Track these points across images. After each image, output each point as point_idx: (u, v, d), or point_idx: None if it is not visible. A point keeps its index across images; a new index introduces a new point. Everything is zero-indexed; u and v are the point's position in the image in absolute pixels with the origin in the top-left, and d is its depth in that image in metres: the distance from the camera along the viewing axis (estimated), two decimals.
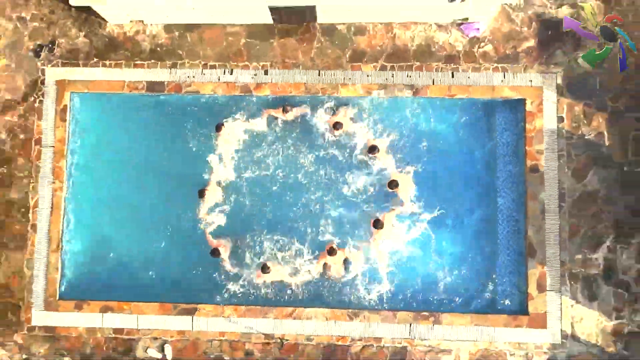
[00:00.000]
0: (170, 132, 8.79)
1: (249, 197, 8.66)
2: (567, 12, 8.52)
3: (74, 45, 8.85)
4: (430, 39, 8.64)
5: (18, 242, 8.58)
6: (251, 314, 8.30)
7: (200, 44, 8.80)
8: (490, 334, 8.11)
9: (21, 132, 8.74)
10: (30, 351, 8.41)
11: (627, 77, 8.40)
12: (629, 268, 8.15)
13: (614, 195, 8.26)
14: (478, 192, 8.56)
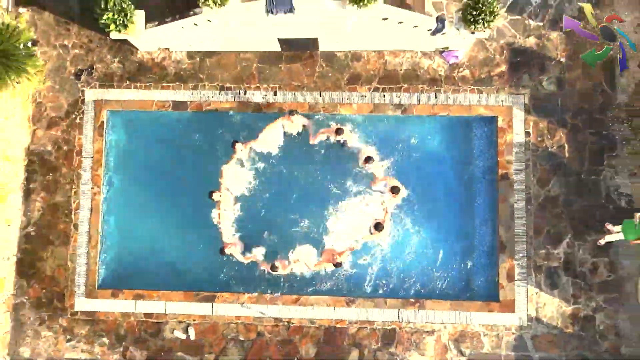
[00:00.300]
0: (192, 144, 10.18)
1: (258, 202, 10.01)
2: (533, 42, 9.95)
3: (110, 70, 10.26)
4: (416, 64, 10.04)
5: (62, 239, 9.98)
6: (261, 300, 9.70)
7: (217, 68, 10.20)
8: (466, 318, 9.51)
9: (64, 145, 10.14)
10: (73, 333, 9.81)
11: (584, 97, 9.81)
12: (585, 261, 9.54)
13: (572, 199, 9.66)
14: (457, 197, 9.94)
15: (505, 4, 10.01)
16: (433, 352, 9.54)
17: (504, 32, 10.00)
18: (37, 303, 9.87)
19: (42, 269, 9.92)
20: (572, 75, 9.84)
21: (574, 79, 9.84)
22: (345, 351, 9.63)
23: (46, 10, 10.34)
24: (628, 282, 9.50)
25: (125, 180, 10.19)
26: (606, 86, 9.81)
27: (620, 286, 9.48)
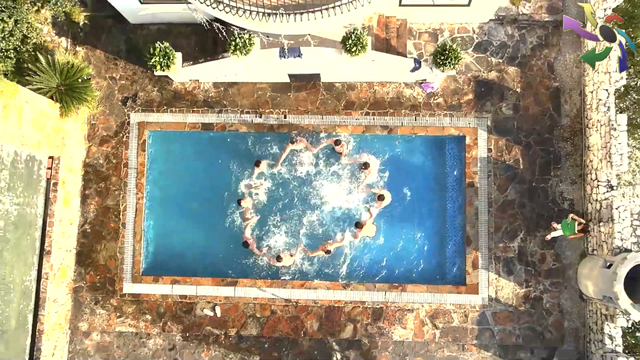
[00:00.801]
0: (218, 157, 12.50)
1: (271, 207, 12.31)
2: (494, 75, 12.27)
3: (150, 97, 12.57)
4: (400, 93, 12.35)
5: (113, 235, 12.29)
6: (275, 285, 12.00)
7: (238, 96, 12.52)
8: (440, 298, 11.80)
9: (114, 158, 12.45)
10: (122, 311, 12.11)
11: (535, 120, 12.12)
12: (535, 253, 11.84)
13: (525, 202, 11.96)
14: (433, 201, 12.25)
15: (472, 44, 12.32)
16: (413, 326, 11.84)
17: (471, 67, 12.31)
18: (92, 287, 12.18)
19: (96, 259, 12.24)
20: (525, 102, 12.16)
21: (527, 106, 12.16)
22: (342, 325, 11.93)
23: (98, 48, 12.66)
24: (569, 270, 11.81)
25: (163, 187, 12.51)
26: (553, 112, 12.13)
27: (563, 273, 11.79)
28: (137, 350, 12.06)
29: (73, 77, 11.40)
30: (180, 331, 12.07)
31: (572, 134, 12.04)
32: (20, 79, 10.95)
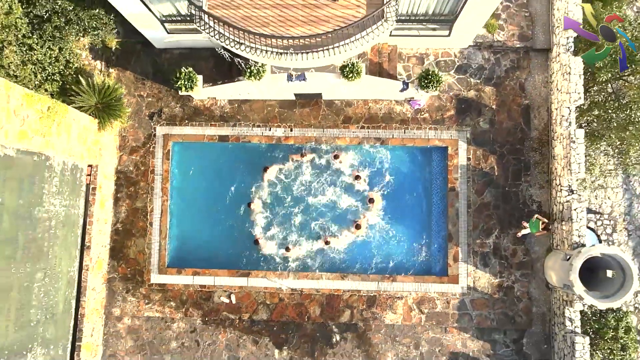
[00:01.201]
0: (232, 165, 14.33)
1: (278, 208, 14.16)
2: (473, 94, 14.12)
3: (173, 112, 14.41)
4: (391, 109, 14.19)
5: (141, 233, 14.13)
6: (282, 276, 13.83)
7: (250, 111, 14.36)
8: (425, 287, 13.63)
9: (142, 166, 14.30)
10: (149, 298, 13.95)
11: (508, 133, 13.96)
12: (507, 248, 13.68)
13: (499, 204, 13.80)
14: (419, 203, 14.10)
15: (454, 67, 14.17)
16: (402, 311, 13.69)
17: (453, 86, 14.16)
18: (124, 277, 14.03)
19: (127, 254, 14.09)
20: (500, 117, 14.01)
21: (501, 120, 14.00)
22: (341, 311, 13.77)
23: (128, 70, 14.50)
24: (537, 262, 13.65)
25: (184, 191, 14.36)
26: (524, 126, 13.98)
27: (532, 265, 13.64)
28: (162, 333, 13.91)
29: (108, 96, 13.23)
30: (200, 316, 13.91)
31: (540, 145, 13.88)
32: (65, 98, 12.78)
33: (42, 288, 11.44)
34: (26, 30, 12.06)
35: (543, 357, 13.51)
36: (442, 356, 13.61)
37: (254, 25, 9.49)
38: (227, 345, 13.81)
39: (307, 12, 9.51)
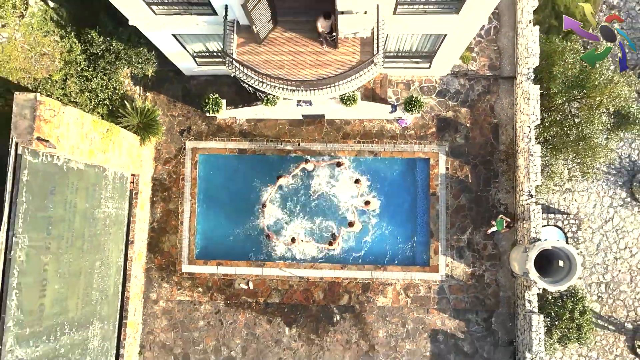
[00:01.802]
0: (249, 173, 17.09)
1: (287, 208, 16.92)
2: (451, 114, 16.88)
3: (200, 129, 17.18)
4: (383, 127, 16.94)
5: (173, 230, 16.90)
6: (291, 266, 16.59)
7: (264, 128, 17.12)
8: (411, 276, 16.39)
9: (174, 174, 17.07)
10: (181, 285, 16.72)
11: (480, 147, 16.72)
12: (479, 243, 16.45)
13: (472, 206, 16.56)
14: (406, 205, 16.86)
15: (435, 91, 16.93)
16: (391, 295, 16.44)
17: (434, 108, 16.92)
18: (159, 267, 16.80)
19: (162, 248, 16.86)
20: (473, 134, 16.78)
21: (474, 136, 16.77)
22: (340, 295, 16.52)
23: (162, 93, 17.28)
24: (504, 255, 16.41)
25: (209, 195, 17.13)
26: (493, 141, 16.75)
27: (499, 257, 16.40)
28: (191, 314, 16.69)
29: (148, 117, 15.99)
30: (223, 300, 16.67)
31: (507, 157, 16.64)
32: (113, 119, 15.55)
33: (99, 274, 14.21)
34: (84, 64, 14.87)
35: (508, 333, 16.29)
36: (425, 333, 16.38)
37: (272, 67, 12.24)
38: (246, 324, 16.59)
39: (314, 57, 12.25)
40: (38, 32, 14.03)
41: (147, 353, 16.57)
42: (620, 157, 19.23)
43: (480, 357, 16.29)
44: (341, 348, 16.44)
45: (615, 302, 18.84)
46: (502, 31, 16.88)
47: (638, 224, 18.99)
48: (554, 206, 19.08)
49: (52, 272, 11.85)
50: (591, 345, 17.85)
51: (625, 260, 18.86)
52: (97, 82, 15.08)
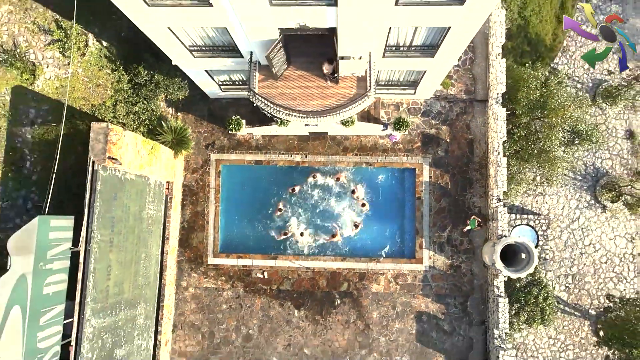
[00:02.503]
0: (264, 180, 20.33)
1: (298, 210, 20.16)
2: (433, 131, 20.12)
3: (222, 144, 20.41)
4: (377, 141, 20.17)
5: (200, 228, 20.13)
6: (300, 259, 19.82)
7: (277, 143, 20.32)
8: (399, 266, 19.62)
9: (200, 182, 20.30)
10: (207, 274, 19.95)
11: (457, 159, 19.93)
12: (457, 239, 19.68)
13: (451, 208, 19.79)
14: (396, 207, 20.09)
15: (420, 112, 20.16)
16: (383, 283, 19.66)
17: (419, 126, 20.15)
18: (189, 260, 20.03)
19: (191, 243, 20.09)
20: (452, 148, 20.01)
21: (453, 150, 19.99)
22: (341, 283, 19.74)
23: (190, 113, 20.51)
24: (477, 249, 19.64)
25: (230, 199, 20.37)
26: (469, 154, 19.97)
27: (473, 251, 19.62)
28: (216, 299, 19.91)
29: (180, 134, 19.22)
30: (242, 287, 19.89)
31: (480, 167, 19.86)
32: (152, 137, 18.77)
33: (144, 264, 17.44)
34: (129, 92, 18.10)
35: (481, 314, 19.52)
36: (411, 314, 19.61)
37: (286, 99, 15.46)
38: (262, 307, 19.82)
39: (320, 91, 15.47)
40: (94, 67, 17.27)
41: (179, 331, 19.81)
42: (585, 165, 22.45)
43: (457, 335, 19.53)
44: (341, 327, 19.68)
45: (581, 292, 22.04)
46: (476, 62, 20.12)
47: (601, 223, 22.18)
48: (528, 208, 22.31)
49: (114, 260, 15.08)
50: (554, 326, 21.07)
51: (590, 255, 22.02)
52: (139, 106, 18.28)
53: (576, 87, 22.46)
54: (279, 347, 19.66)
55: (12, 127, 15.14)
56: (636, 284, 22.33)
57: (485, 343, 19.44)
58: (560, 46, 22.60)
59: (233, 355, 19.73)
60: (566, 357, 21.86)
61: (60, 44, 15.99)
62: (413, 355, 19.49)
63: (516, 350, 21.15)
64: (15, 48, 14.92)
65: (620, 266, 22.25)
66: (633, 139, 22.75)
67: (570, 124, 19.14)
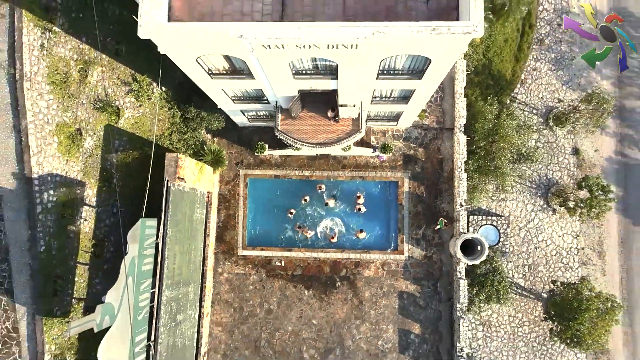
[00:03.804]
0: (281, 190, 26.28)
1: (309, 213, 26.11)
2: (412, 152, 26.10)
3: (249, 162, 26.35)
4: (368, 160, 26.10)
5: (232, 227, 26.09)
6: (309, 251, 25.76)
7: (292, 162, 26.24)
8: (386, 257, 25.56)
9: (232, 191, 26.26)
10: (237, 262, 25.90)
11: (431, 174, 25.87)
12: (430, 235, 25.62)
13: (425, 212, 25.74)
14: (383, 211, 26.04)
15: (402, 137, 26.10)
16: (373, 269, 25.60)
17: (401, 148, 26.08)
18: (224, 252, 25.99)
19: (225, 239, 26.05)
20: (426, 165, 25.96)
21: (427, 167, 25.92)
22: (340, 269, 25.69)
23: (224, 138, 26.45)
24: (446, 243, 25.58)
25: (255, 205, 26.33)
26: (439, 170, 25.89)
27: (442, 244, 25.56)
28: (244, 281, 25.86)
29: (217, 155, 25.15)
30: (265, 272, 25.83)
31: (448, 180, 25.78)
32: (197, 158, 24.69)
33: (193, 254, 23.38)
34: (181, 125, 24.04)
35: (447, 293, 25.45)
36: (395, 293, 25.54)
37: (300, 133, 21.37)
38: (279, 288, 25.76)
39: (325, 127, 21.37)
40: (157, 107, 23.24)
41: (216, 306, 25.78)
42: (539, 176, 28.36)
43: (429, 309, 25.48)
44: (340, 303, 25.62)
45: (535, 279, 27.93)
46: (445, 98, 26.06)
47: (551, 223, 28.07)
48: (492, 211, 28.22)
49: (177, 251, 21.02)
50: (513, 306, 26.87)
51: (542, 249, 27.91)
52: (188, 135, 24.23)
53: (532, 113, 28.43)
54: (292, 318, 25.63)
55: (104, 154, 21.08)
56: (580, 272, 28.21)
57: (451, 315, 25.40)
58: (519, 80, 28.56)
59: (257, 325, 25.70)
60: (523, 331, 27.76)
61: (135, 92, 21.92)
62: (396, 325, 25.46)
63: (482, 325, 27.08)
64: (106, 97, 20.85)
65: (567, 258, 28.12)
66: (578, 155, 28.68)
67: (515, 148, 25.08)
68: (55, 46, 19.13)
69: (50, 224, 19.06)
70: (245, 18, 14.05)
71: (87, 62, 20.08)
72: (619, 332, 28.19)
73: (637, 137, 29.17)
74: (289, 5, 13.93)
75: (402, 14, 13.92)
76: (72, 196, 19.62)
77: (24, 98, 18.03)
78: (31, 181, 18.65)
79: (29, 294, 19.04)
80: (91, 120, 20.41)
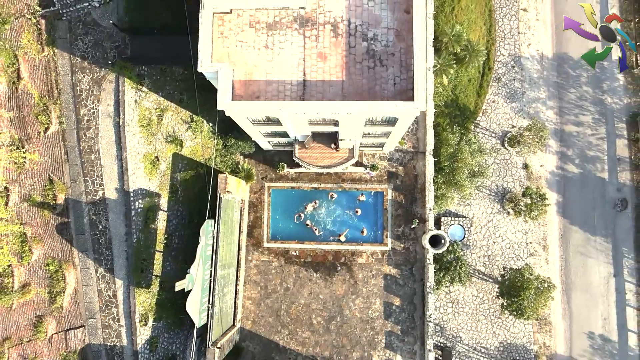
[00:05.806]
0: (296, 198, 34.89)
1: (316, 215, 34.71)
2: (394, 169, 34.75)
3: (271, 176, 34.94)
4: (361, 176, 34.63)
5: (259, 226, 34.69)
6: (317, 244, 34.34)
7: (304, 176, 34.86)
8: (374, 248, 34.14)
9: (259, 199, 34.86)
10: (263, 252, 34.50)
11: (407, 187, 34.47)
12: (408, 231, 34.20)
13: (404, 214, 34.32)
14: (372, 214, 34.64)
15: (387, 158, 34.69)
16: (365, 257, 34.16)
17: (386, 167, 34.66)
18: (253, 244, 34.60)
19: (254, 235, 34.68)
20: (404, 179, 34.54)
21: (405, 181, 34.47)
22: (340, 257, 34.28)
23: (252, 159, 35.03)
24: (419, 237, 34.17)
25: (276, 209, 34.96)
26: (415, 183, 34.49)
27: (417, 239, 34.16)
28: (268, 267, 34.45)
29: (248, 172, 33.69)
30: (284, 260, 34.43)
31: (421, 191, 34.34)
32: (233, 174, 33.24)
33: (232, 245, 31.96)
34: (222, 150, 32.62)
35: (420, 275, 34.02)
36: (381, 275, 34.11)
37: (312, 158, 29.92)
38: (295, 271, 34.37)
39: (329, 154, 29.88)
40: (206, 138, 31.88)
41: (247, 285, 34.40)
42: (497, 186, 36.96)
43: (407, 286, 34.07)
44: (340, 283, 34.23)
45: (493, 266, 36.49)
46: (419, 129, 34.66)
47: (506, 223, 36.61)
48: (460, 213, 36.84)
49: (224, 243, 29.60)
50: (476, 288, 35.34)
51: (499, 243, 36.45)
52: (228, 158, 32.81)
53: (491, 136, 36.98)
54: (304, 294, 34.24)
55: (172, 174, 29.70)
56: (528, 261, 36.59)
57: (423, 291, 33.99)
58: (481, 110, 37.13)
59: (278, 299, 34.32)
60: (483, 307, 36.26)
61: (192, 128, 30.51)
62: (382, 298, 34.07)
63: (452, 303, 35.57)
64: (174, 133, 29.47)
65: (518, 250, 36.58)
66: (527, 169, 37.19)
67: (470, 168, 33.68)
68: (143, 100, 27.78)
69: (139, 223, 27.72)
70: (280, 95, 22.65)
71: (162, 109, 28.76)
72: (558, 308, 36.67)
73: (573, 155, 37.71)
74: (307, 87, 22.52)
75: (379, 92, 22.48)
76: (152, 204, 28.30)
77: (125, 137, 26.68)
78: (128, 194, 27.31)
79: (124, 271, 27.71)
80: (164, 150, 29.08)
